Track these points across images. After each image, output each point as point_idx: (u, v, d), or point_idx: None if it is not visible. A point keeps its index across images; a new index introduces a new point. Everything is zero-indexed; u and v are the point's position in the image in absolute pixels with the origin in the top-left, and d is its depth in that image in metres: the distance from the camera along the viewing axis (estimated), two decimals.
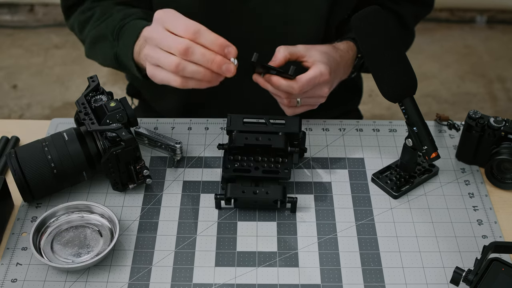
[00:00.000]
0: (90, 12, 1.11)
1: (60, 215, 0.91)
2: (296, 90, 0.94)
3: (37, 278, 0.85)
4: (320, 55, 0.98)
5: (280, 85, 0.94)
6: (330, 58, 1.00)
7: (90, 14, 1.11)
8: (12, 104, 2.39)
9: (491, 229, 0.92)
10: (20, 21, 2.82)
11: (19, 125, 1.11)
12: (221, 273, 0.86)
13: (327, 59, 0.99)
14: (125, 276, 0.85)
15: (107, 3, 1.10)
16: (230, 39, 1.10)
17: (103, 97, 0.95)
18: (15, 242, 0.89)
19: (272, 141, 0.94)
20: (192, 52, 0.83)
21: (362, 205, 0.95)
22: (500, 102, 2.44)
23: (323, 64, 0.96)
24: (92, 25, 1.09)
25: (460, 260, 0.88)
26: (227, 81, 1.16)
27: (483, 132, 0.98)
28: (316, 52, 0.98)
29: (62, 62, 2.59)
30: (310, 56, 0.98)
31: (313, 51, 0.98)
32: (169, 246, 0.89)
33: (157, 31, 0.86)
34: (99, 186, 0.97)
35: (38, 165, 0.89)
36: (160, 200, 0.96)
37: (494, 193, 0.98)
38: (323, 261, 0.87)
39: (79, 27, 1.13)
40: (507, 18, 2.86)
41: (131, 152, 0.91)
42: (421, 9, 1.22)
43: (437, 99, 2.44)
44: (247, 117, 0.97)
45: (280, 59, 0.96)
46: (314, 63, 0.97)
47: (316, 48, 1.00)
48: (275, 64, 0.95)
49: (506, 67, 2.61)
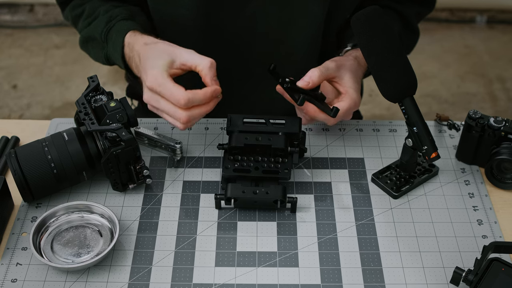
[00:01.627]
0: (80, 8, 1.12)
1: (60, 215, 0.91)
2: (332, 123, 0.97)
3: (37, 278, 0.85)
4: (350, 78, 0.98)
5: (317, 117, 0.95)
6: (357, 78, 1.00)
7: (81, 11, 1.12)
8: (12, 104, 2.39)
9: (491, 229, 0.92)
10: (20, 21, 2.82)
11: (19, 125, 1.11)
12: (221, 273, 0.86)
13: (356, 81, 0.99)
14: (125, 276, 0.85)
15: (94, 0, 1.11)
16: (228, 42, 1.11)
17: (103, 97, 0.95)
18: (15, 242, 0.89)
19: (272, 141, 0.94)
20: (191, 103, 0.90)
21: (362, 205, 0.95)
22: (500, 102, 2.44)
23: (355, 92, 0.97)
24: (82, 23, 1.11)
25: (460, 260, 0.88)
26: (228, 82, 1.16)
27: (483, 132, 0.98)
28: (346, 74, 0.98)
29: (62, 62, 2.59)
30: (340, 78, 0.98)
31: (343, 71, 0.98)
32: (169, 246, 0.89)
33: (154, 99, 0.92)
34: (99, 186, 0.97)
35: (38, 165, 0.89)
36: (160, 200, 0.96)
37: (494, 193, 0.98)
38: (323, 261, 0.87)
39: (72, 21, 1.15)
40: (507, 18, 2.86)
41: (131, 152, 0.91)
42: (423, 8, 1.22)
43: (437, 99, 2.44)
44: (247, 117, 0.97)
45: (315, 83, 0.94)
46: (347, 91, 0.97)
47: (345, 67, 0.99)
48: (308, 87, 0.94)
49: (506, 67, 2.61)
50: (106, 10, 1.07)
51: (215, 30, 1.09)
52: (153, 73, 0.90)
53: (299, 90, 0.93)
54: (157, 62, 0.91)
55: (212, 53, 1.12)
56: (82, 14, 1.11)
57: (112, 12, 1.06)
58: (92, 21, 1.08)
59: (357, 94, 0.98)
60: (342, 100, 0.97)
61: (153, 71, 0.90)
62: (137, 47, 0.97)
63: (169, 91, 0.88)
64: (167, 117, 0.92)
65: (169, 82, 0.89)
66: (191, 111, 0.89)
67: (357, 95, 0.98)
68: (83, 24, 1.10)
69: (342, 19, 1.13)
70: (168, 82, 0.89)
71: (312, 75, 0.94)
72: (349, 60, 1.01)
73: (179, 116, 0.89)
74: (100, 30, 1.05)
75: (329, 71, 0.96)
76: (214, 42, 1.10)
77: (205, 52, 1.11)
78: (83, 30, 1.10)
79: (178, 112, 0.89)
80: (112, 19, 1.05)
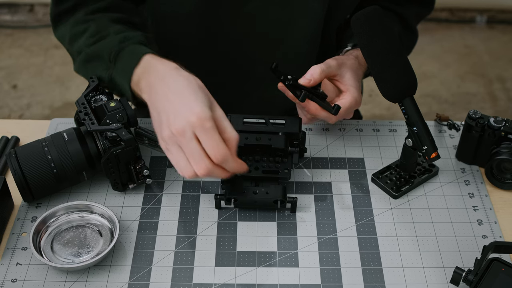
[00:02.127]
0: (84, 26, 1.03)
1: (60, 215, 0.91)
2: (334, 121, 0.97)
3: (37, 278, 0.85)
4: (351, 77, 0.98)
5: (318, 114, 0.95)
6: (358, 76, 1.00)
7: (84, 28, 1.03)
8: (12, 104, 2.39)
9: (491, 229, 0.92)
10: (20, 21, 2.82)
11: (19, 125, 1.11)
12: (221, 273, 0.86)
13: (357, 79, 0.99)
14: (125, 276, 0.85)
15: (102, 19, 1.03)
16: (228, 41, 1.11)
17: (103, 97, 0.95)
18: (15, 242, 0.89)
19: (272, 141, 0.94)
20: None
21: (362, 205, 0.95)
22: (500, 102, 2.44)
23: (356, 90, 0.97)
24: (85, 41, 1.02)
25: (460, 260, 0.88)
26: (228, 82, 1.16)
27: (483, 132, 0.98)
28: (347, 72, 0.98)
29: (62, 62, 2.59)
30: (341, 76, 0.98)
31: (344, 69, 0.98)
32: (169, 246, 0.89)
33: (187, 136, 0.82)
34: (99, 186, 0.97)
35: (38, 165, 0.89)
36: (160, 200, 0.96)
37: (494, 193, 0.98)
38: (323, 261, 0.87)
39: (70, 39, 1.05)
40: (507, 18, 2.86)
41: (131, 152, 0.91)
42: (422, 9, 1.22)
43: (437, 99, 2.44)
44: (247, 117, 0.97)
45: (316, 80, 0.94)
46: (348, 89, 0.97)
47: (346, 65, 0.99)
48: (310, 84, 0.94)
49: (506, 67, 2.61)
50: (119, 30, 1.00)
51: (214, 30, 1.09)
52: (204, 110, 0.80)
53: (301, 87, 0.93)
54: (202, 99, 0.82)
55: (211, 52, 1.12)
56: (86, 32, 1.02)
57: (128, 33, 0.99)
58: (100, 39, 1.00)
59: (358, 92, 0.98)
60: (343, 98, 0.97)
61: (203, 108, 0.81)
62: (162, 68, 0.89)
63: (215, 141, 0.80)
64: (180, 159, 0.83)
65: (216, 131, 0.81)
66: (215, 167, 0.82)
67: (358, 93, 0.98)
68: (87, 41, 1.01)
69: (342, 18, 1.13)
70: (216, 130, 0.81)
71: (314, 72, 0.94)
72: (350, 59, 1.01)
73: (202, 166, 0.81)
74: (110, 49, 0.97)
75: (331, 68, 0.96)
76: (214, 41, 1.10)
77: (205, 51, 1.12)
78: (85, 48, 1.01)
79: (205, 162, 0.81)
80: (127, 39, 0.97)
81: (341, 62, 0.99)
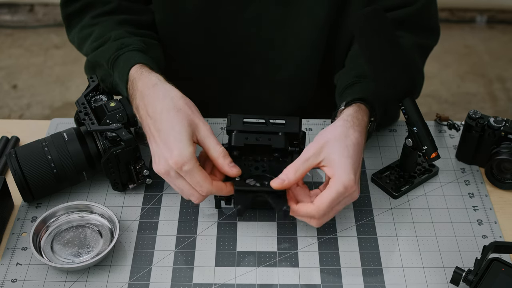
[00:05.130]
0: (89, 29, 1.05)
1: (60, 215, 0.91)
2: (317, 216, 0.82)
3: (37, 278, 0.85)
4: (338, 154, 0.83)
5: (299, 213, 0.84)
6: (348, 148, 0.84)
7: (89, 32, 1.04)
8: (12, 104, 2.39)
9: (491, 229, 0.92)
10: (20, 21, 2.82)
11: (19, 125, 1.11)
12: (221, 273, 0.86)
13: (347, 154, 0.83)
14: (125, 276, 0.85)
15: (107, 23, 1.04)
16: (229, 43, 1.10)
17: (103, 97, 0.95)
18: (15, 242, 0.89)
19: (272, 141, 0.94)
20: None
21: (362, 205, 0.95)
22: (500, 102, 2.44)
23: (345, 174, 0.81)
24: (89, 46, 1.03)
25: (460, 260, 0.88)
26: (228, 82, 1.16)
27: (483, 132, 0.98)
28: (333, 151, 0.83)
29: (62, 62, 2.59)
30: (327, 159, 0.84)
31: (327, 149, 0.84)
32: (169, 246, 0.89)
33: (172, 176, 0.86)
34: (99, 186, 0.97)
35: (38, 165, 0.90)
36: (160, 200, 0.96)
37: (494, 193, 0.98)
38: (323, 261, 0.87)
39: (78, 43, 1.08)
40: (507, 18, 2.86)
41: (131, 152, 0.91)
42: (424, 38, 1.06)
43: (437, 99, 2.44)
44: (247, 117, 0.97)
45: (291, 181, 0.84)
46: (334, 174, 0.82)
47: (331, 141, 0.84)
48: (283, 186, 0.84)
49: (506, 67, 2.61)
50: (118, 35, 1.00)
51: (215, 31, 1.09)
52: (182, 153, 0.82)
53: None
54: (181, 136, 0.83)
55: (213, 53, 1.12)
56: (90, 36, 1.04)
57: (125, 40, 0.99)
58: (100, 45, 1.00)
59: (348, 177, 0.81)
60: (327, 188, 0.82)
61: (182, 151, 0.82)
62: (141, 86, 0.90)
63: (195, 180, 0.84)
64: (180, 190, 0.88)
65: (198, 172, 0.83)
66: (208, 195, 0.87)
67: (349, 178, 0.81)
68: (90, 47, 1.02)
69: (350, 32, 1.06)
70: (197, 171, 0.83)
71: (288, 172, 0.84)
72: (337, 127, 0.87)
73: (195, 198, 0.86)
74: (107, 57, 0.97)
75: (308, 162, 0.84)
76: (215, 43, 1.10)
77: (207, 51, 1.12)
78: (89, 54, 1.02)
79: (196, 194, 0.86)
80: (124, 46, 0.97)
81: (324, 142, 0.85)
